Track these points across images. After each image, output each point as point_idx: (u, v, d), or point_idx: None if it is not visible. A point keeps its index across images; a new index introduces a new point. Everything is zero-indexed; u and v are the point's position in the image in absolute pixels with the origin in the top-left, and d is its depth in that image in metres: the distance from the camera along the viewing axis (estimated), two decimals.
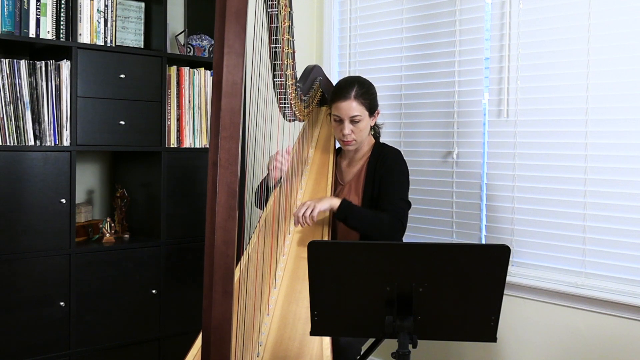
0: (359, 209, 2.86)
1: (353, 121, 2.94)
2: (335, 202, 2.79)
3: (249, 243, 2.75)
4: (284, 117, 2.88)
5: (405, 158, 3.06)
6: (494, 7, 3.44)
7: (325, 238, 2.75)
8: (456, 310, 1.85)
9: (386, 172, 2.96)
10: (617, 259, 3.02)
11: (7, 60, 3.09)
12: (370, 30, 4.08)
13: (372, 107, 3.00)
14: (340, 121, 2.97)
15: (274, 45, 2.55)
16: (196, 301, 3.67)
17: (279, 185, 2.99)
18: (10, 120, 3.09)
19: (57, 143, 3.22)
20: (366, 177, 3.01)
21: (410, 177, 3.08)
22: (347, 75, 3.76)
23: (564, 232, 3.19)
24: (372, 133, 3.16)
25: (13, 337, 3.11)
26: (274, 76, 2.65)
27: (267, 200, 3.01)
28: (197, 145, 3.72)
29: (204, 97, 3.74)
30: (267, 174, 3.04)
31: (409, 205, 2.99)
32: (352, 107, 2.93)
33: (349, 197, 2.98)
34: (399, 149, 3.11)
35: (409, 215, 3.74)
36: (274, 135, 3.01)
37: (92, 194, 3.80)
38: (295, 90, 2.81)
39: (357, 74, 4.08)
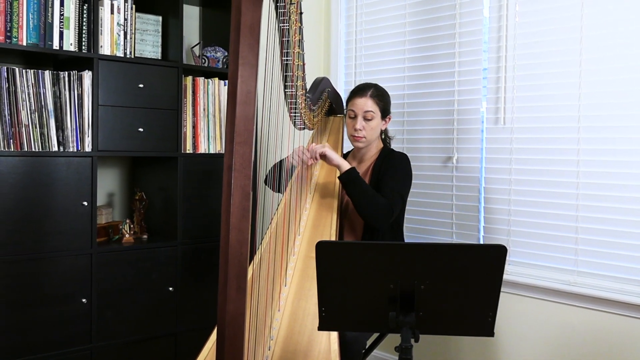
0: (362, 182, 2.89)
1: (366, 118, 3.04)
2: (344, 166, 2.91)
3: (261, 243, 2.76)
4: (294, 125, 2.89)
5: None
6: (492, 21, 3.45)
7: (333, 236, 2.76)
8: (456, 307, 1.85)
9: (390, 168, 3.01)
10: (608, 258, 3.02)
11: (32, 70, 3.10)
12: (374, 42, 4.09)
13: (384, 110, 3.10)
14: (355, 117, 3.06)
15: (285, 58, 2.56)
16: (211, 298, 3.68)
17: (290, 184, 3.01)
18: (36, 127, 3.11)
19: (80, 149, 3.23)
20: (372, 175, 3.05)
21: (412, 181, 3.10)
22: (353, 85, 3.78)
23: (558, 232, 3.20)
24: (383, 137, 3.20)
25: (39, 331, 3.13)
26: (285, 87, 2.66)
27: (279, 182, 3.07)
28: (212, 151, 3.72)
29: (218, 106, 3.75)
30: (282, 159, 3.09)
31: (403, 201, 3.01)
32: (368, 103, 3.04)
33: None
34: None
35: (411, 216, 3.78)
36: (285, 142, 3.03)
37: (113, 197, 3.82)
38: (305, 100, 2.82)
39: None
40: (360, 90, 3.10)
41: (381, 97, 3.09)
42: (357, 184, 2.87)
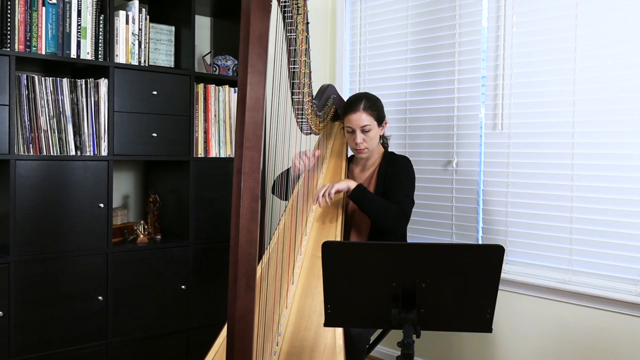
0: (371, 195, 2.88)
1: (364, 130, 2.98)
2: (352, 184, 2.87)
3: (269, 243, 2.76)
4: (301, 130, 2.89)
5: None
6: (490, 31, 3.45)
7: (338, 236, 2.76)
8: (456, 304, 1.84)
9: (395, 173, 2.99)
10: (601, 258, 3.02)
11: (50, 78, 3.12)
12: (378, 51, 4.10)
13: (379, 118, 3.03)
14: (353, 132, 3.01)
15: (293, 66, 2.56)
16: (221, 296, 3.68)
17: (297, 187, 3.01)
18: (54, 132, 3.12)
19: (96, 153, 3.24)
20: (377, 179, 3.04)
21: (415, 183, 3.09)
22: (357, 91, 3.78)
23: (553, 233, 3.19)
24: (382, 142, 3.18)
25: (57, 327, 3.14)
26: (292, 94, 2.66)
27: (286, 190, 3.05)
28: (222, 155, 3.73)
29: (228, 112, 3.75)
30: (289, 167, 3.06)
31: (413, 202, 3.00)
32: (362, 118, 2.97)
33: None
34: None
35: (413, 217, 3.77)
36: (292, 147, 3.02)
37: (128, 199, 3.83)
38: (312, 106, 2.81)
39: (365, 91, 4.11)
40: (352, 106, 3.00)
41: (373, 107, 3.00)
42: (368, 198, 2.86)
